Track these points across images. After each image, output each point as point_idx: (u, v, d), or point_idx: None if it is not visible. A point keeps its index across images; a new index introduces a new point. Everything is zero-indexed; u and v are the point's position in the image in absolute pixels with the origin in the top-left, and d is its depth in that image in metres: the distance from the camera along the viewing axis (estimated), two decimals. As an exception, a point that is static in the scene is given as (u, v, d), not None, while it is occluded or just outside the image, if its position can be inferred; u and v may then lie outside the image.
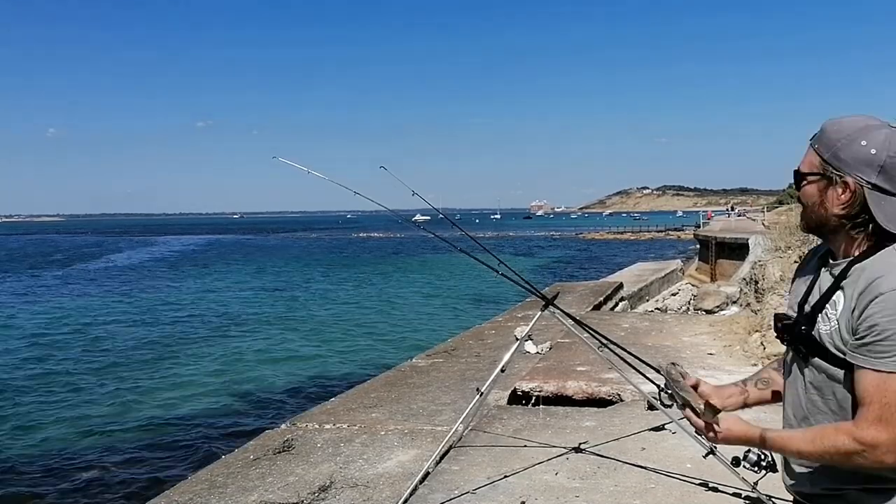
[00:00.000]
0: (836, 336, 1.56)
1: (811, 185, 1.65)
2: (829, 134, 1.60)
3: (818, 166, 1.62)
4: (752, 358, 7.20)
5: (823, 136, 1.61)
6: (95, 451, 10.15)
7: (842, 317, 1.55)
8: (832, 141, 1.59)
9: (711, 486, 3.97)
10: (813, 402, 1.64)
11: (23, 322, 23.09)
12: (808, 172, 1.65)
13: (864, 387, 1.49)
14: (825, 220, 1.65)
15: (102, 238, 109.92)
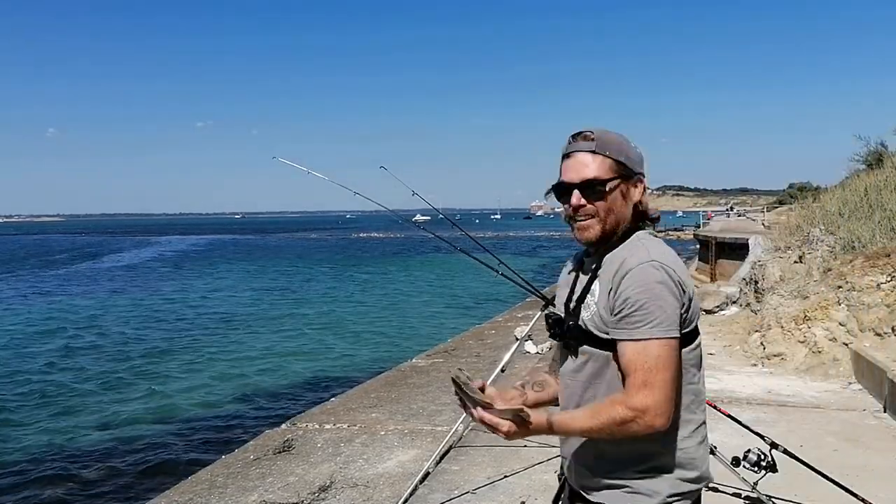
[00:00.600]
0: (597, 319, 1.66)
1: (616, 190, 1.70)
2: (612, 140, 1.71)
3: (617, 169, 1.70)
4: (752, 357, 7.21)
5: (607, 143, 1.70)
6: (95, 451, 10.15)
7: (600, 300, 1.67)
8: (619, 145, 1.71)
9: (711, 487, 3.96)
10: (589, 388, 1.70)
11: (24, 321, 23.09)
12: (609, 178, 1.69)
13: (627, 357, 1.59)
14: (624, 218, 1.75)
15: (103, 238, 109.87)
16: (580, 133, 1.73)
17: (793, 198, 36.77)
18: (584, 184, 1.68)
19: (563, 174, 1.72)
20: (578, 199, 1.68)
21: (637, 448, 1.64)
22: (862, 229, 8.29)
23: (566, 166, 1.71)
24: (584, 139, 1.70)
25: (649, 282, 1.61)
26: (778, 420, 5.22)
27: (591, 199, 1.68)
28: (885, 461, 4.40)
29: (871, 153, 15.21)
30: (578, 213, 1.70)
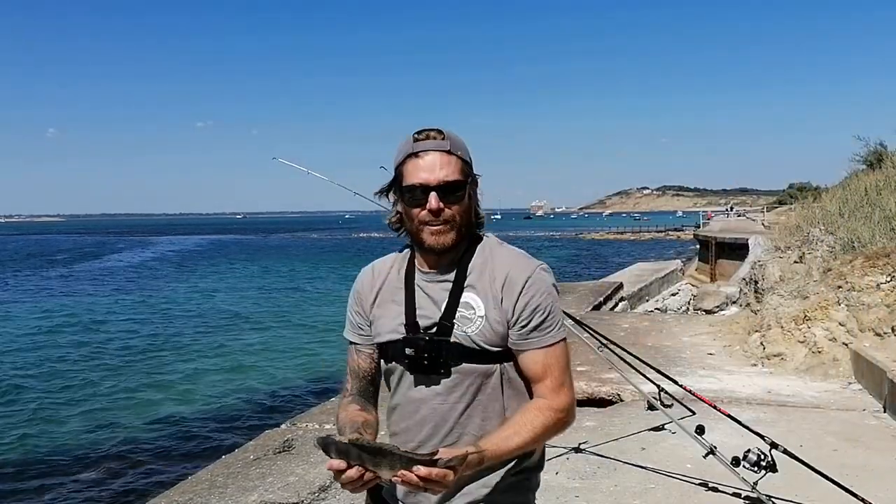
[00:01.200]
0: (487, 333, 1.57)
1: (467, 193, 1.61)
2: (460, 140, 1.61)
3: (467, 171, 1.62)
4: (752, 357, 7.20)
5: (457, 144, 1.60)
6: (95, 450, 10.15)
7: (489, 314, 1.58)
8: (464, 145, 1.63)
9: (711, 487, 3.97)
10: (468, 407, 1.60)
11: (25, 321, 23.09)
12: (464, 181, 1.60)
13: (542, 363, 1.58)
14: (470, 223, 1.67)
15: (103, 238, 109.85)
16: (428, 131, 1.60)
17: (793, 198, 36.78)
18: (443, 186, 1.56)
19: (411, 175, 1.57)
20: (437, 202, 1.55)
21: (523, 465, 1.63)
22: (862, 229, 8.29)
23: (416, 166, 1.56)
24: (436, 138, 1.58)
25: (549, 286, 1.62)
26: (778, 420, 5.22)
27: (449, 202, 1.57)
28: (885, 461, 4.40)
29: (871, 153, 15.21)
30: (435, 218, 1.57)
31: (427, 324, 1.62)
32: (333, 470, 1.36)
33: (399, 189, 1.62)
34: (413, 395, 1.63)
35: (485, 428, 1.60)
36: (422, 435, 1.62)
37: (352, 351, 1.75)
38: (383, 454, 1.34)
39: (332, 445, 1.37)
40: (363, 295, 1.73)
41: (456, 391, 1.60)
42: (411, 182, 1.57)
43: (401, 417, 1.67)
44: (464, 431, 1.61)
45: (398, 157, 1.62)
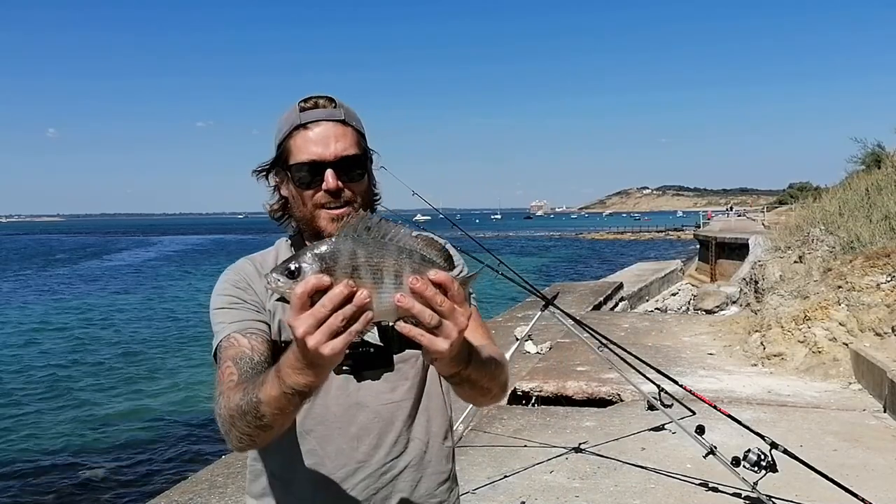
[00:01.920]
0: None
1: (366, 169, 1.38)
2: (352, 110, 1.38)
3: (364, 145, 1.38)
4: (752, 357, 7.21)
5: (351, 113, 1.37)
6: (96, 450, 10.16)
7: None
8: (355, 114, 1.39)
9: (711, 487, 3.98)
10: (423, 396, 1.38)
11: (26, 321, 23.11)
12: (363, 154, 1.36)
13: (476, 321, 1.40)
14: (370, 204, 1.42)
15: (104, 238, 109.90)
16: (315, 98, 1.36)
17: (793, 198, 36.81)
18: (341, 162, 1.31)
19: (300, 150, 1.31)
20: (335, 180, 1.30)
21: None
22: (862, 229, 8.29)
23: (306, 139, 1.31)
24: (326, 106, 1.34)
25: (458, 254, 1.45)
26: (778, 420, 5.23)
27: (348, 181, 1.32)
28: (884, 461, 4.40)
29: (869, 155, 15.22)
30: (334, 200, 1.32)
31: None
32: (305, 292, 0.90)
33: (285, 168, 1.35)
34: (343, 403, 1.32)
35: (431, 431, 1.40)
36: (360, 453, 1.32)
37: (230, 342, 1.28)
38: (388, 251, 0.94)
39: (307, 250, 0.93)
40: (251, 281, 1.38)
41: (402, 386, 1.35)
42: (301, 159, 1.31)
43: (322, 440, 1.33)
44: (410, 437, 1.37)
45: (281, 129, 1.35)
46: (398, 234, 0.96)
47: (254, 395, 1.09)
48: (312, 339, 0.91)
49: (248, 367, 1.23)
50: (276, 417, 1.08)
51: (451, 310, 0.95)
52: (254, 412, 1.09)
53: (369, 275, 0.92)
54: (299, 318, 0.91)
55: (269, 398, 1.06)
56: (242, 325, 1.30)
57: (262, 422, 1.09)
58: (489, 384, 1.23)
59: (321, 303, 0.90)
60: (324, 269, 0.91)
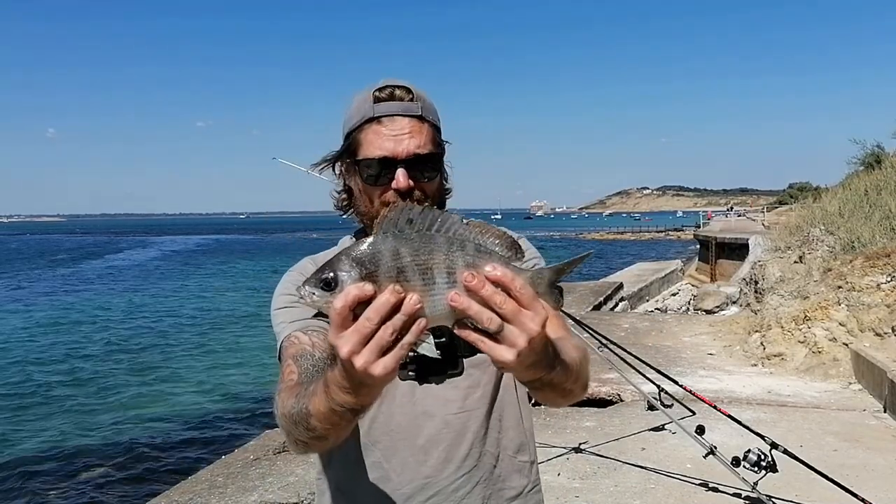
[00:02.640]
0: None
1: (441, 168, 1.29)
2: (427, 101, 1.27)
3: (440, 142, 1.29)
4: (752, 358, 7.20)
5: (429, 106, 1.27)
6: (96, 450, 10.15)
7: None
8: (433, 107, 1.29)
9: (711, 487, 3.97)
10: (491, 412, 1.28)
11: (26, 321, 23.10)
12: (438, 153, 1.27)
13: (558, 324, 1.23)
14: (443, 204, 1.34)
15: (104, 238, 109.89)
16: (392, 87, 1.25)
17: (793, 198, 36.81)
18: (415, 160, 1.22)
19: (372, 145, 1.23)
20: (407, 179, 1.22)
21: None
22: (862, 229, 8.29)
23: (379, 134, 1.22)
24: (404, 99, 1.24)
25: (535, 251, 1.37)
26: (778, 420, 5.22)
27: (422, 180, 1.24)
28: (885, 461, 4.40)
29: (869, 155, 15.23)
30: (402, 199, 1.22)
31: None
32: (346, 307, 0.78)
33: (354, 161, 1.27)
34: (408, 412, 1.23)
35: (502, 444, 1.29)
36: (428, 467, 1.22)
37: (291, 341, 1.21)
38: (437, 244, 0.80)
39: (343, 256, 0.80)
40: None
41: (473, 393, 1.25)
42: (372, 154, 1.22)
43: (387, 452, 1.23)
44: (483, 451, 1.26)
45: (352, 119, 1.26)
46: (446, 223, 0.81)
47: (304, 404, 1.00)
48: (360, 358, 0.79)
49: (308, 365, 1.14)
50: (328, 431, 0.99)
51: (514, 312, 0.80)
52: (304, 423, 1.00)
53: (418, 276, 0.78)
54: (342, 335, 0.79)
55: (318, 412, 0.97)
56: (303, 323, 1.22)
57: (314, 433, 1.00)
58: (572, 385, 1.09)
59: (366, 316, 0.77)
60: (364, 275, 0.78)
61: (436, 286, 0.79)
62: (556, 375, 0.98)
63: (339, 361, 0.83)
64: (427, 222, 0.81)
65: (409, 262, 0.78)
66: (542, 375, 0.94)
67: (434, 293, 0.79)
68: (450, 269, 0.79)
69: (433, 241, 0.80)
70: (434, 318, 0.80)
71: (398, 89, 1.24)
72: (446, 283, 0.79)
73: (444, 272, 0.79)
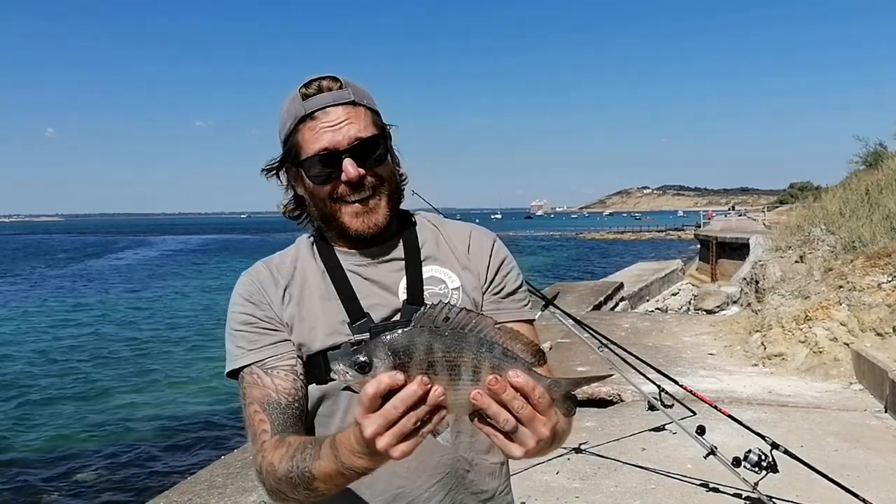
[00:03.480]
0: (468, 305, 1.24)
1: (386, 150, 1.23)
2: (357, 86, 1.23)
3: (380, 124, 1.24)
4: (753, 358, 7.20)
5: (360, 90, 1.23)
6: (95, 451, 10.16)
7: (464, 283, 1.26)
8: (366, 91, 1.25)
9: (712, 487, 3.97)
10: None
11: (27, 320, 23.12)
12: (381, 134, 1.22)
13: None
14: (399, 190, 1.29)
15: (104, 238, 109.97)
16: (318, 80, 1.20)
17: (793, 197, 36.81)
18: (358, 147, 1.18)
19: (311, 142, 1.18)
20: (355, 168, 1.17)
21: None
22: (863, 229, 8.28)
23: (315, 129, 1.18)
24: (332, 88, 1.20)
25: (513, 258, 1.35)
26: (779, 420, 5.22)
27: (370, 166, 1.19)
28: (885, 461, 4.39)
29: (870, 154, 15.24)
30: (355, 191, 1.19)
31: (384, 314, 1.21)
32: (377, 394, 0.83)
33: (296, 165, 1.22)
34: None
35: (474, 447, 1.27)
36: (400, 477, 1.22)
37: (254, 378, 1.20)
38: (467, 344, 0.86)
39: (380, 343, 0.85)
40: (266, 292, 1.26)
41: None
42: (313, 151, 1.18)
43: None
44: (455, 456, 1.26)
45: (286, 123, 1.22)
46: (479, 325, 0.87)
47: (305, 468, 1.03)
48: (382, 440, 0.85)
49: (278, 415, 1.16)
50: (331, 490, 1.04)
51: (530, 417, 0.85)
52: (306, 485, 1.04)
53: (445, 371, 0.85)
54: (369, 418, 0.84)
55: (324, 475, 1.01)
56: (261, 354, 1.21)
57: (315, 493, 1.05)
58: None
59: (393, 404, 0.83)
60: (397, 364, 0.84)
61: (461, 382, 0.85)
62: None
63: (361, 436, 0.88)
64: (462, 322, 0.87)
65: (440, 357, 0.85)
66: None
67: (458, 388, 0.85)
68: (476, 368, 0.85)
69: (465, 340, 0.86)
70: (453, 409, 0.87)
71: (324, 80, 1.20)
72: (471, 381, 0.85)
73: (470, 370, 0.85)
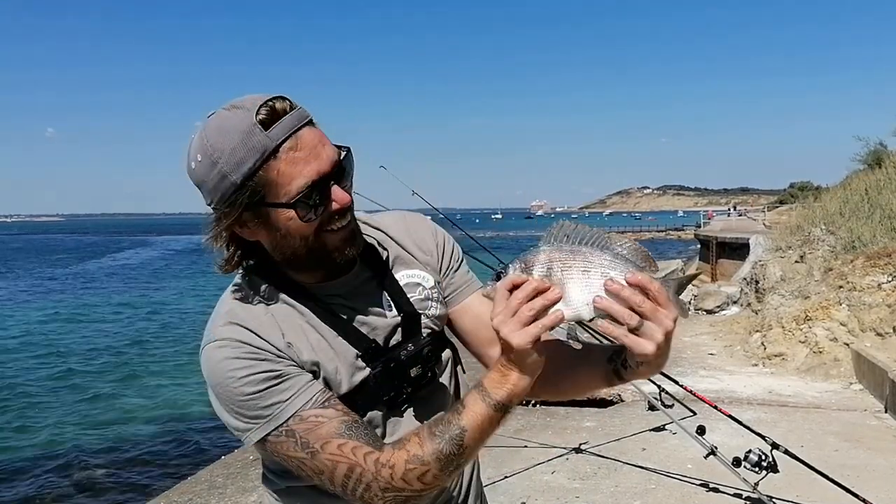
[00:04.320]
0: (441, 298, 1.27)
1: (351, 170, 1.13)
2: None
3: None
4: (753, 358, 7.20)
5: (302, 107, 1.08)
6: (95, 451, 10.15)
7: (434, 277, 1.26)
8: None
9: (712, 487, 3.97)
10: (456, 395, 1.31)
11: (27, 320, 23.12)
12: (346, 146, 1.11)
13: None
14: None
15: (104, 238, 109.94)
16: (269, 103, 1.03)
17: (794, 197, 36.80)
18: (339, 168, 1.08)
19: (295, 173, 1.02)
20: (344, 194, 1.07)
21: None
22: (863, 229, 8.28)
23: (294, 160, 1.02)
24: (286, 109, 1.03)
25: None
26: (779, 420, 5.22)
27: (348, 184, 1.10)
28: (886, 461, 4.39)
29: (871, 153, 15.25)
30: (343, 216, 1.09)
31: (385, 334, 1.17)
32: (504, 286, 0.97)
33: (270, 207, 1.05)
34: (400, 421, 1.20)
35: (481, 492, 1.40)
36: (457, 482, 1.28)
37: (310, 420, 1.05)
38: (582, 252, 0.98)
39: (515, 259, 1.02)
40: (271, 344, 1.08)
41: (450, 385, 1.29)
42: (303, 185, 1.03)
43: None
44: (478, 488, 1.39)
45: (243, 162, 1.02)
46: (595, 237, 1.00)
47: (454, 429, 1.06)
48: (505, 326, 0.96)
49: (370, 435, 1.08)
50: (480, 443, 1.10)
51: (652, 310, 0.94)
52: (457, 448, 1.07)
53: (561, 274, 0.98)
54: (497, 310, 0.97)
55: (474, 423, 1.06)
56: (309, 394, 1.07)
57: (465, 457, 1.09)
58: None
59: (515, 295, 0.96)
60: (523, 269, 0.99)
61: (575, 284, 0.97)
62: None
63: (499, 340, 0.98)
64: (580, 237, 1.00)
65: (558, 263, 0.98)
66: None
67: (573, 290, 0.97)
68: (589, 272, 0.98)
69: (580, 250, 0.99)
70: (572, 312, 0.97)
71: (276, 102, 1.03)
72: (585, 284, 0.97)
73: (583, 274, 0.98)
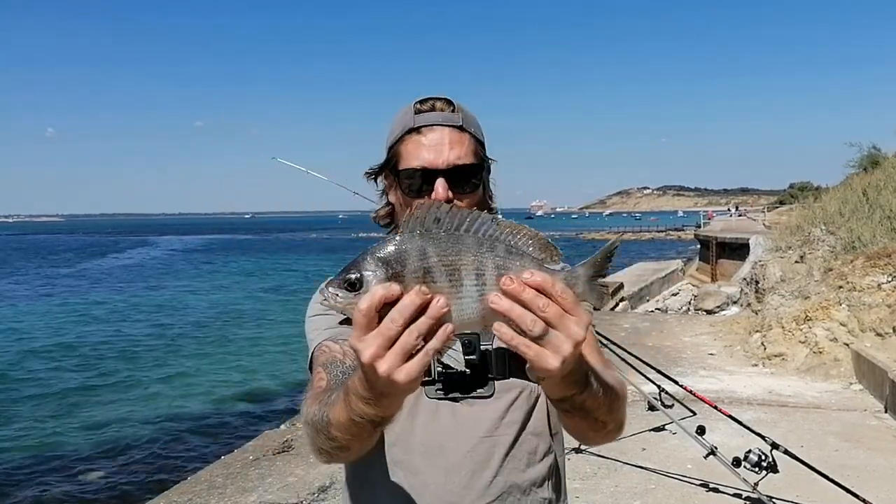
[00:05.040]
0: None
1: (480, 181, 1.25)
2: (469, 114, 1.27)
3: (482, 154, 1.27)
4: (753, 358, 7.20)
5: (471, 118, 1.26)
6: (95, 451, 10.14)
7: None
8: (475, 120, 1.29)
9: (712, 487, 3.97)
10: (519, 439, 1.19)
11: (27, 320, 23.10)
12: (479, 164, 1.24)
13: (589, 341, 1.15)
14: None
15: (104, 238, 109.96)
16: (433, 100, 1.25)
17: (793, 198, 36.78)
18: (453, 171, 1.20)
19: (412, 155, 1.21)
20: (447, 191, 1.19)
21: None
22: (862, 229, 8.28)
23: (419, 145, 1.21)
24: (444, 110, 1.24)
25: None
26: (779, 420, 5.22)
27: (462, 192, 1.20)
28: (885, 462, 4.39)
29: (865, 157, 15.26)
30: None
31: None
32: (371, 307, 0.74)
33: (394, 173, 1.25)
34: (432, 431, 1.16)
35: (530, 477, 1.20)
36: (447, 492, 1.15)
37: (321, 349, 1.19)
38: (465, 245, 0.76)
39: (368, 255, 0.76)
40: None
41: (506, 417, 1.17)
42: (412, 164, 1.21)
43: (409, 473, 1.17)
44: (509, 482, 1.18)
45: (394, 131, 1.26)
46: (475, 222, 0.77)
47: (325, 413, 0.98)
48: (383, 363, 0.75)
49: (338, 372, 1.10)
50: (349, 441, 0.96)
51: (558, 316, 0.76)
52: (325, 432, 0.98)
53: (445, 277, 0.75)
54: (365, 338, 0.75)
55: (338, 422, 0.94)
56: (335, 331, 1.19)
57: (335, 443, 0.98)
58: (605, 416, 1.02)
59: (390, 317, 0.73)
60: (390, 275, 0.74)
61: (464, 288, 0.75)
62: (589, 398, 0.94)
63: (361, 368, 0.79)
64: (455, 221, 0.77)
65: (437, 262, 0.75)
66: (576, 393, 0.91)
67: (462, 296, 0.75)
68: (479, 271, 0.75)
69: (461, 241, 0.76)
70: (462, 323, 0.76)
71: (439, 101, 1.25)
72: (476, 287, 0.75)
73: (472, 274, 0.75)
